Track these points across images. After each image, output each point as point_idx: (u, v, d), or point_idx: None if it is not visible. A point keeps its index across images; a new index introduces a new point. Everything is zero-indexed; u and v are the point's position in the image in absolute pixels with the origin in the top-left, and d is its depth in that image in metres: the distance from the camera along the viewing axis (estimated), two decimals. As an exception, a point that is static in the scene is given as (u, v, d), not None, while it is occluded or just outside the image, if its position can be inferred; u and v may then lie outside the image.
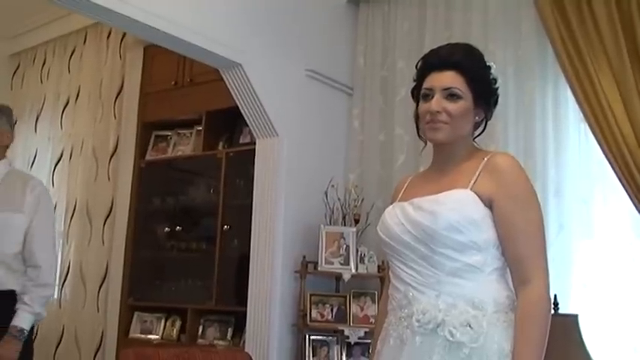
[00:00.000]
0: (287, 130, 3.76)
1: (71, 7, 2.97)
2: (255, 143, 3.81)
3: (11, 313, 2.70)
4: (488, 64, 1.77)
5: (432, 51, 1.78)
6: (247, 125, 3.83)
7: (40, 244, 2.77)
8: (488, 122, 1.82)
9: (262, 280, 3.61)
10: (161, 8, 3.12)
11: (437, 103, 1.69)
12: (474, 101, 1.72)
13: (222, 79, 3.63)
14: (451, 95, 1.69)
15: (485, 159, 1.68)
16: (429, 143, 1.80)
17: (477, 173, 1.66)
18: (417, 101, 1.79)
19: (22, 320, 2.68)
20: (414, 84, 1.81)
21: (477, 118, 1.76)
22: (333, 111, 4.14)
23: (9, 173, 2.86)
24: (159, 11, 3.11)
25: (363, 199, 3.84)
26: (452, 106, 1.69)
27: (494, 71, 1.77)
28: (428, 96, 1.72)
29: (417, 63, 1.79)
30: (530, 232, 1.61)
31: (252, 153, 3.83)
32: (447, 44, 1.79)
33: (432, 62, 1.74)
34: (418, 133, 1.80)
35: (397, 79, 4.00)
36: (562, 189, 3.34)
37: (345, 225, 3.76)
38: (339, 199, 3.83)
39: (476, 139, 1.82)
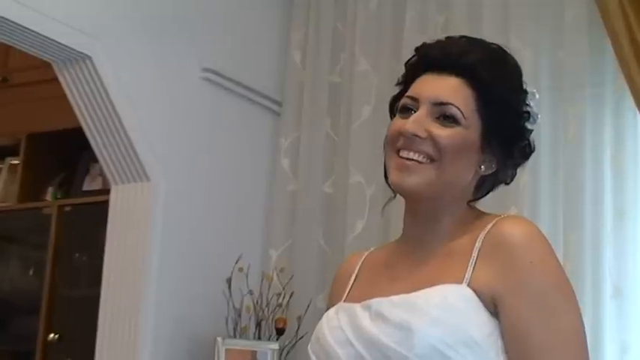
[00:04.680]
0: (165, 172, 3.75)
1: None
2: (109, 192, 3.81)
3: None
4: (524, 86, 1.77)
5: (437, 41, 1.80)
6: (97, 161, 3.84)
7: None
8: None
9: None
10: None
11: (416, 121, 1.70)
12: (482, 136, 1.72)
13: (57, 79, 3.65)
14: (445, 117, 1.70)
15: (488, 228, 1.68)
16: (399, 197, 1.78)
17: (475, 254, 1.66)
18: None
19: None
20: (398, 92, 1.83)
21: (482, 167, 1.75)
22: (248, 140, 4.17)
23: None
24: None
25: (292, 294, 3.83)
26: (441, 133, 1.69)
27: (535, 102, 1.77)
28: (409, 110, 1.73)
29: (411, 59, 1.81)
30: (563, 351, 1.60)
31: (103, 208, 3.82)
32: (463, 36, 1.81)
33: (431, 57, 1.77)
34: (386, 175, 1.79)
35: (357, 91, 4.05)
36: (626, 285, 3.38)
37: (259, 338, 3.74)
38: (251, 291, 3.80)
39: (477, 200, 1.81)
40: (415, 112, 1.71)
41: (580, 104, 3.54)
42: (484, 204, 1.80)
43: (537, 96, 1.78)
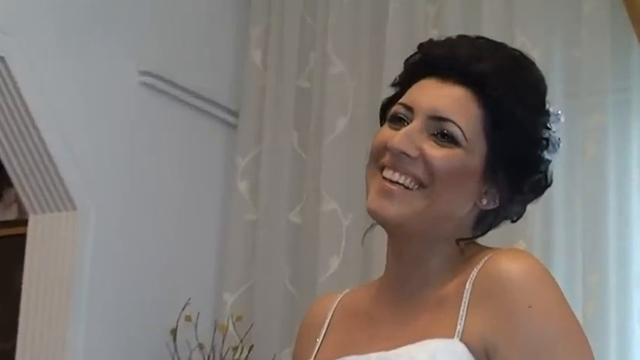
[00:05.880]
0: (95, 198, 3.77)
1: None
2: (26, 222, 3.85)
3: None
4: (547, 106, 1.76)
5: (447, 39, 1.82)
6: (11, 185, 3.91)
7: None
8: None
9: None
10: None
11: (407, 136, 1.69)
12: (486, 164, 1.72)
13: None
14: (443, 134, 1.70)
15: (480, 265, 1.68)
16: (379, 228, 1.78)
17: (466, 299, 1.66)
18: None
19: None
20: (392, 95, 1.84)
21: (482, 201, 1.72)
22: (197, 159, 4.20)
23: None
24: None
25: (252, 347, 3.86)
26: (436, 153, 1.70)
27: (558, 127, 1.76)
28: (401, 121, 1.73)
29: (412, 56, 1.82)
30: None
31: (19, 242, 3.88)
32: (481, 37, 1.83)
33: (435, 57, 1.77)
34: None
35: (330, 98, 4.08)
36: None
37: (211, 404, 3.64)
38: (200, 345, 3.84)
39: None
40: (408, 123, 1.70)
41: (601, 114, 3.55)
42: (485, 236, 1.78)
43: (562, 119, 1.76)
